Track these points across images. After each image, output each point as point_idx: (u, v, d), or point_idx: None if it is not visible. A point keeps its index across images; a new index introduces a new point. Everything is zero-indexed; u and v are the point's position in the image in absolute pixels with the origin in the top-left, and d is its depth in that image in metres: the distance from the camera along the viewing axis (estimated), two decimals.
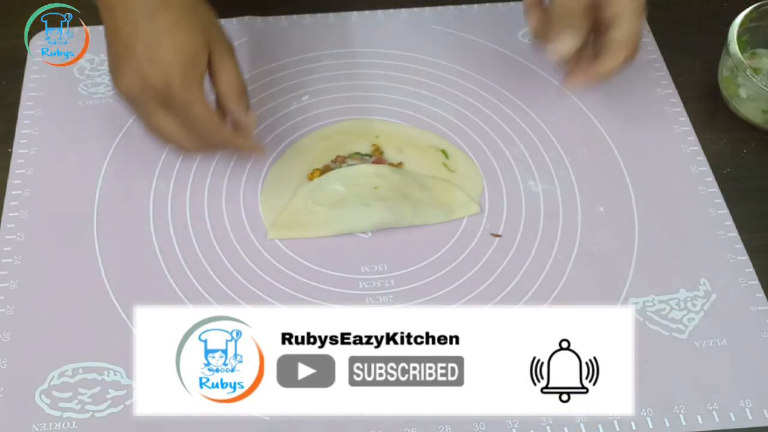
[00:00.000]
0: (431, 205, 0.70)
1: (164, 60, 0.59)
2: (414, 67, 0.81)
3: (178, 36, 0.60)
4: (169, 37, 0.59)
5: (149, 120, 0.63)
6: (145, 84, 0.60)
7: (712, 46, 0.80)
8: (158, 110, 0.62)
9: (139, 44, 0.59)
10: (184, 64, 0.60)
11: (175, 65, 0.59)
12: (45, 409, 0.60)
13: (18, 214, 0.69)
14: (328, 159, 0.73)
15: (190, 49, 0.60)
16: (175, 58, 0.59)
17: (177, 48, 0.60)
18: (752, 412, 0.61)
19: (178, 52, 0.60)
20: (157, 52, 0.59)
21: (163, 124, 0.62)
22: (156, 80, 0.59)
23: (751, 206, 0.72)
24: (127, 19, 0.59)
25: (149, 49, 0.59)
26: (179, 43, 0.60)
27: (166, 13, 0.59)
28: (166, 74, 0.59)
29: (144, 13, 0.59)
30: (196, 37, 0.61)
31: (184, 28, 0.60)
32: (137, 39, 0.59)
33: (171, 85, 0.59)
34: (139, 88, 0.60)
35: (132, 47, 0.59)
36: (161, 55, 0.59)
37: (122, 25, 0.60)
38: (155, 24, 0.59)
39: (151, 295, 0.65)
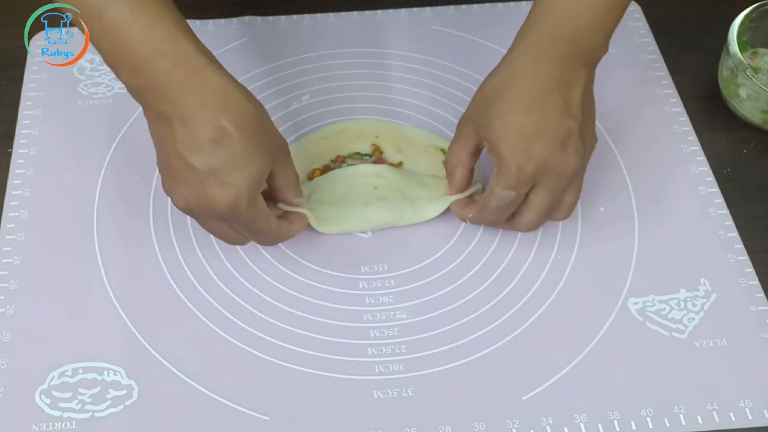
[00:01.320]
0: (431, 202, 0.70)
1: (233, 187, 0.56)
2: (414, 67, 0.81)
3: (248, 162, 0.56)
4: (238, 164, 0.56)
5: (205, 225, 0.62)
6: (210, 206, 0.57)
7: (712, 46, 0.80)
8: (216, 221, 0.60)
9: (203, 167, 0.55)
10: (251, 189, 0.57)
11: (243, 191, 0.56)
12: (45, 409, 0.60)
13: (18, 214, 0.69)
14: (328, 159, 0.73)
15: (258, 175, 0.57)
16: (244, 184, 0.56)
17: (246, 175, 0.56)
18: (752, 412, 0.61)
19: (248, 178, 0.56)
20: (225, 178, 0.56)
21: (220, 230, 0.61)
22: (222, 205, 0.57)
23: (751, 206, 0.72)
24: (190, 137, 0.55)
25: (217, 175, 0.55)
26: (248, 171, 0.56)
27: (234, 135, 0.55)
28: (234, 200, 0.56)
29: (210, 134, 0.55)
30: (263, 161, 0.58)
31: (253, 153, 0.57)
32: (201, 162, 0.55)
33: (238, 208, 0.57)
34: (200, 207, 0.58)
35: (194, 169, 0.56)
36: (231, 181, 0.56)
37: (183, 143, 0.56)
38: (224, 148, 0.55)
39: (150, 295, 0.65)
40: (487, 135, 0.62)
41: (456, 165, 0.66)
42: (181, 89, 0.55)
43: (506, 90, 0.61)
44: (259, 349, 0.63)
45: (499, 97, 0.61)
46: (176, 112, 0.55)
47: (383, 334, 0.64)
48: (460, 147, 0.65)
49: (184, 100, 0.55)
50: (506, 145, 0.60)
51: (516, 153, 0.60)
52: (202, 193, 0.57)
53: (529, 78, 0.61)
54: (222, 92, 0.56)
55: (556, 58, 0.61)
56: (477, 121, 0.63)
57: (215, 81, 0.56)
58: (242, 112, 0.57)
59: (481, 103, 0.63)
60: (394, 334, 0.64)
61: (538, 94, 0.60)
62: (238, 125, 0.56)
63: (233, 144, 0.56)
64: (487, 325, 0.64)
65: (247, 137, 0.56)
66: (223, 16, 0.84)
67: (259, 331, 0.64)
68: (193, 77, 0.55)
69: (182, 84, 0.55)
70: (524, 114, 0.60)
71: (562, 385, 0.62)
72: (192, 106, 0.55)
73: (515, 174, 0.60)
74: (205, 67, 0.56)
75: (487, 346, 0.63)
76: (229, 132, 0.56)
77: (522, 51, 0.62)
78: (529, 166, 0.60)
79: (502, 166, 0.61)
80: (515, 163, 0.60)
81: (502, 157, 0.61)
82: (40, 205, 0.70)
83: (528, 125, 0.60)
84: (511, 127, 0.60)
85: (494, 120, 0.61)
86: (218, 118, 0.55)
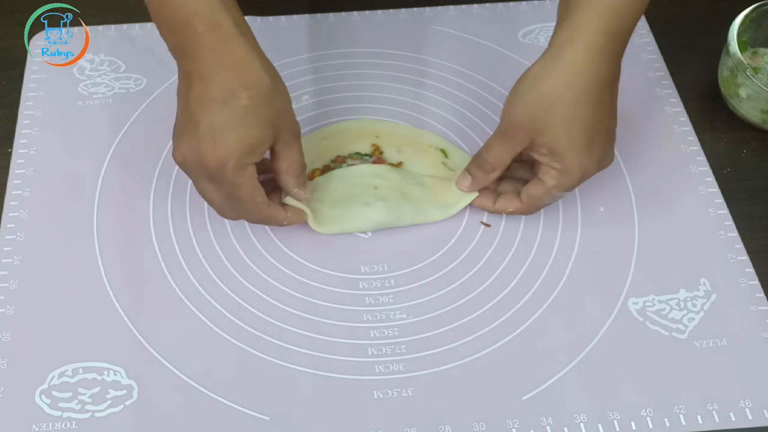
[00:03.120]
0: (431, 204, 0.70)
1: (224, 146, 0.59)
2: (414, 67, 0.81)
3: (246, 127, 0.59)
4: (236, 126, 0.59)
5: (197, 185, 0.63)
6: (200, 161, 0.59)
7: (712, 46, 0.80)
8: (206, 182, 0.62)
9: (205, 123, 0.58)
10: (241, 153, 0.59)
11: (233, 153, 0.59)
12: (45, 409, 0.60)
13: (18, 214, 0.69)
14: (328, 159, 0.74)
15: (252, 142, 0.59)
16: (235, 146, 0.59)
17: (240, 138, 0.59)
18: (752, 412, 0.61)
19: (240, 143, 0.59)
20: (219, 137, 0.58)
21: (209, 192, 0.63)
22: (210, 161, 0.59)
23: (751, 206, 0.72)
24: (201, 95, 0.59)
25: (213, 131, 0.58)
26: (244, 135, 0.59)
27: (241, 99, 0.58)
28: (222, 159, 0.59)
29: (219, 94, 0.58)
30: (262, 131, 0.60)
31: (253, 120, 0.59)
32: (205, 117, 0.58)
33: (224, 168, 0.59)
34: (192, 162, 0.60)
35: (197, 123, 0.59)
36: (223, 140, 0.58)
37: (195, 99, 0.59)
38: (227, 110, 0.58)
39: (150, 295, 0.65)
40: (548, 141, 0.62)
41: (497, 167, 0.67)
42: (207, 52, 0.58)
43: (567, 93, 0.61)
44: (259, 349, 0.63)
45: (561, 102, 0.61)
46: (198, 70, 0.59)
47: (383, 334, 0.64)
48: (506, 150, 0.65)
49: (207, 62, 0.58)
50: (572, 152, 0.62)
51: (580, 158, 0.62)
52: (196, 147, 0.59)
53: (590, 81, 0.61)
54: (243, 60, 0.59)
55: (612, 56, 0.61)
56: (534, 126, 0.62)
57: (240, 50, 0.59)
58: (256, 82, 0.59)
59: (539, 107, 0.62)
60: (394, 334, 0.64)
61: (597, 96, 0.61)
62: (247, 92, 0.58)
63: (237, 107, 0.58)
64: (488, 324, 0.64)
65: (253, 105, 0.59)
66: None
67: (259, 331, 0.64)
68: (221, 43, 0.58)
69: (210, 47, 0.58)
70: (587, 119, 0.61)
71: (562, 385, 0.62)
72: (212, 67, 0.58)
73: (579, 178, 0.64)
74: (235, 36, 0.58)
75: (487, 346, 0.63)
76: (237, 96, 0.58)
77: (579, 51, 0.61)
78: (591, 169, 0.63)
79: (565, 170, 0.63)
80: (580, 168, 0.63)
81: (566, 163, 0.63)
82: (40, 205, 0.70)
83: (590, 129, 0.62)
84: (576, 134, 0.62)
85: (558, 127, 0.61)
86: (231, 81, 0.58)
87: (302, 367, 0.62)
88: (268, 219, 0.65)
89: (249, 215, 0.65)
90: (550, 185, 0.65)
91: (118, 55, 0.80)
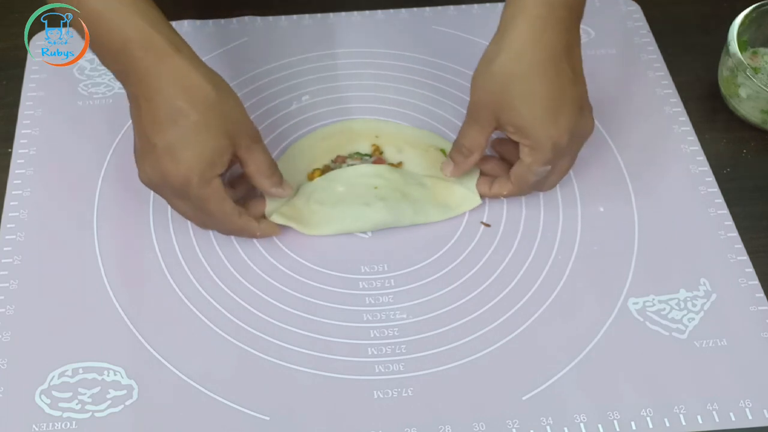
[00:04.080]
0: (431, 204, 0.70)
1: (184, 162, 0.60)
2: (414, 67, 0.81)
3: (200, 142, 0.60)
4: (191, 143, 0.60)
5: (169, 202, 0.65)
6: (165, 180, 0.61)
7: (712, 46, 0.80)
8: (176, 198, 0.64)
9: (160, 144, 0.60)
10: (203, 167, 0.60)
11: (194, 168, 0.60)
12: (45, 409, 0.60)
13: (18, 214, 0.69)
14: (328, 159, 0.73)
15: (211, 155, 0.61)
16: (194, 161, 0.60)
17: (197, 152, 0.60)
18: (752, 412, 0.61)
19: (199, 156, 0.60)
20: (178, 155, 0.60)
21: (181, 208, 0.65)
22: (174, 179, 0.60)
23: (751, 206, 0.72)
24: (151, 117, 0.60)
25: (171, 151, 0.60)
26: (200, 150, 0.60)
27: (190, 115, 0.59)
28: (185, 176, 0.60)
29: (167, 113, 0.59)
30: (218, 143, 0.61)
31: (206, 134, 0.60)
32: (159, 139, 0.60)
33: (189, 184, 0.61)
34: (158, 181, 0.62)
35: (154, 145, 0.60)
36: (182, 158, 0.60)
37: (146, 121, 0.60)
38: (178, 127, 0.59)
39: (150, 295, 0.65)
40: (512, 119, 0.63)
41: (473, 150, 0.67)
42: (147, 74, 0.59)
43: (518, 69, 0.62)
44: (259, 349, 0.63)
45: (514, 79, 0.62)
46: (143, 93, 0.60)
47: (383, 334, 0.64)
48: (477, 132, 0.66)
49: (149, 83, 0.60)
50: (536, 125, 0.63)
51: (547, 130, 0.63)
52: (158, 168, 0.61)
53: (539, 53, 0.61)
54: (183, 76, 0.60)
55: (557, 24, 0.62)
56: (495, 106, 0.63)
57: (179, 66, 0.60)
58: (200, 96, 0.60)
59: (495, 86, 0.63)
60: (394, 334, 0.64)
61: (550, 67, 0.62)
62: (195, 107, 0.60)
63: (188, 124, 0.59)
64: (488, 324, 0.64)
65: (204, 119, 0.60)
66: (223, 16, 0.84)
67: (259, 331, 0.64)
68: (159, 63, 0.59)
69: (148, 69, 0.59)
70: (544, 91, 0.62)
71: (562, 385, 0.62)
72: (155, 88, 0.60)
73: (551, 150, 0.63)
74: (171, 54, 0.59)
75: (487, 346, 0.63)
76: (185, 112, 0.59)
77: (522, 25, 0.61)
78: (562, 139, 0.63)
79: (536, 145, 0.63)
80: (549, 140, 0.63)
81: (534, 137, 0.63)
82: (40, 205, 0.70)
83: (550, 100, 0.62)
84: (536, 107, 0.62)
85: (516, 103, 0.62)
86: (176, 99, 0.59)
87: (302, 367, 0.62)
88: (241, 230, 0.66)
89: (221, 227, 0.66)
90: (527, 162, 0.65)
91: None
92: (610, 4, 0.86)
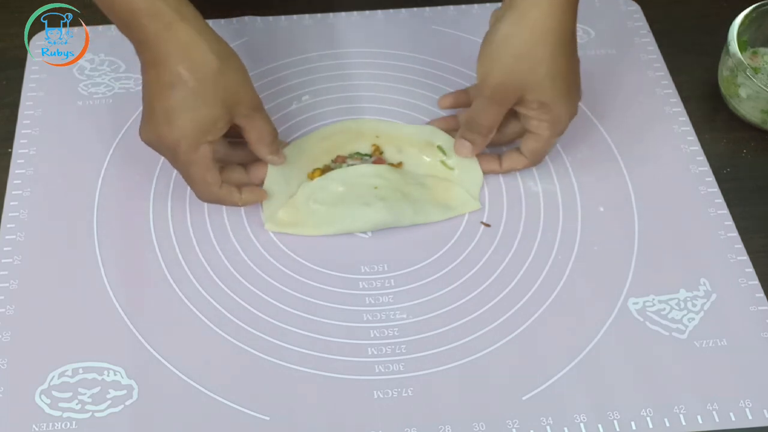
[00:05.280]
0: (431, 204, 0.70)
1: (178, 127, 0.62)
2: (414, 67, 0.81)
3: (194, 108, 0.62)
4: (186, 108, 0.62)
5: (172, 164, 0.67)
6: (159, 141, 0.64)
7: (712, 46, 0.80)
8: (170, 160, 0.66)
9: (158, 108, 0.62)
10: (195, 133, 0.63)
11: (186, 132, 0.62)
12: (45, 409, 0.60)
13: (18, 214, 0.69)
14: (328, 159, 0.73)
15: (204, 122, 0.63)
16: (187, 126, 0.62)
17: (191, 119, 0.62)
18: (752, 412, 0.61)
19: (192, 122, 0.62)
20: (173, 118, 0.62)
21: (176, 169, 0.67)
22: (167, 142, 0.63)
23: (751, 206, 0.72)
24: (156, 80, 0.62)
25: (167, 114, 0.62)
26: (194, 116, 0.62)
27: (188, 82, 0.61)
28: (176, 139, 0.63)
29: (168, 78, 0.62)
30: (212, 111, 0.63)
31: (201, 101, 0.62)
32: (158, 102, 0.62)
33: (178, 147, 0.63)
34: (155, 143, 0.64)
35: (153, 108, 0.63)
36: (177, 122, 0.62)
37: (152, 85, 0.63)
38: (176, 91, 0.62)
39: (150, 294, 0.65)
40: (537, 96, 0.65)
41: (492, 128, 0.69)
42: (154, 41, 0.62)
43: (545, 50, 0.64)
44: (259, 349, 0.63)
45: (543, 60, 0.64)
46: (150, 59, 0.62)
47: (383, 334, 0.64)
48: (498, 111, 0.68)
49: (158, 50, 0.62)
50: (560, 102, 0.66)
51: (567, 106, 0.67)
52: (155, 130, 0.63)
53: (559, 35, 0.64)
54: (187, 44, 0.62)
55: (572, 6, 0.65)
56: (521, 84, 0.65)
57: (184, 34, 0.62)
58: (202, 63, 0.62)
59: (523, 66, 0.65)
60: (394, 334, 0.64)
61: (570, 47, 0.66)
62: (194, 74, 0.61)
63: (186, 90, 0.62)
64: (487, 324, 0.64)
65: (202, 87, 0.62)
66: (223, 16, 0.84)
67: (259, 331, 0.64)
68: (165, 31, 0.61)
69: (156, 36, 0.61)
70: (566, 70, 0.66)
71: (562, 385, 0.62)
72: (160, 55, 0.62)
73: (567, 123, 0.68)
74: (177, 22, 0.61)
75: (486, 346, 0.63)
76: (184, 79, 0.61)
77: (545, 7, 0.63)
78: (574, 114, 0.68)
79: (556, 120, 0.67)
80: (568, 115, 0.67)
81: (556, 113, 0.67)
82: (40, 205, 0.70)
83: (570, 78, 0.66)
84: (560, 85, 0.66)
85: (543, 82, 0.65)
86: (177, 65, 0.61)
87: (302, 367, 0.62)
88: (221, 199, 0.67)
89: (200, 194, 0.67)
90: (546, 136, 0.68)
91: (118, 55, 0.80)
92: (610, 4, 0.86)
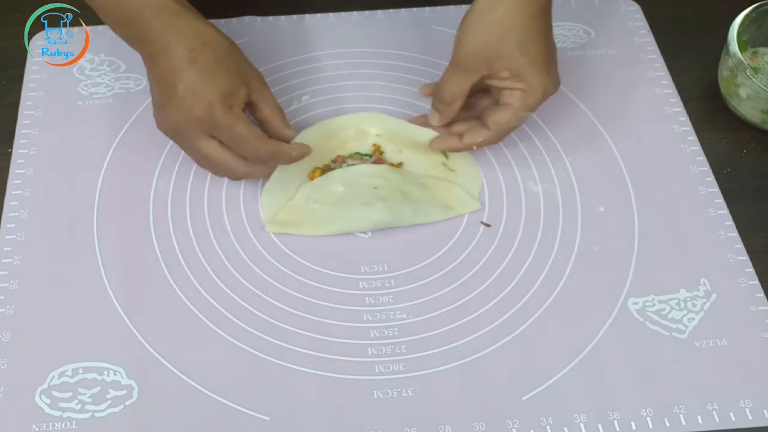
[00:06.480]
0: (431, 204, 0.70)
1: (206, 92, 0.63)
2: (414, 67, 0.81)
3: (218, 76, 0.63)
4: (210, 76, 0.63)
5: (197, 149, 0.66)
6: (189, 115, 0.63)
7: (712, 46, 0.80)
8: (203, 138, 0.65)
9: (181, 83, 0.62)
10: (223, 95, 0.63)
11: (216, 95, 0.63)
12: (45, 409, 0.60)
13: (18, 214, 0.69)
14: (329, 159, 0.73)
15: (230, 84, 0.64)
16: (215, 91, 0.63)
17: (217, 84, 0.63)
18: (752, 412, 0.61)
19: (218, 87, 0.63)
20: (198, 87, 0.62)
21: (210, 150, 0.65)
22: (199, 110, 0.63)
23: (751, 206, 0.72)
24: (169, 65, 0.63)
25: (191, 86, 0.62)
26: (219, 83, 0.63)
27: (206, 53, 0.63)
28: (208, 104, 0.62)
29: (185, 57, 0.62)
30: (233, 79, 0.64)
31: (222, 70, 0.64)
32: (180, 79, 0.63)
33: (213, 111, 0.63)
34: (183, 120, 0.64)
35: (174, 87, 0.63)
36: (203, 91, 0.63)
37: (165, 70, 0.63)
38: (197, 66, 0.63)
39: (150, 294, 0.65)
40: (508, 64, 0.66)
41: (457, 96, 0.69)
42: (162, 30, 0.63)
43: (518, 20, 0.65)
44: (259, 349, 0.63)
45: (513, 29, 0.65)
46: (159, 48, 0.63)
47: (383, 334, 0.64)
48: (463, 79, 0.68)
49: (164, 37, 0.63)
50: (532, 71, 0.66)
51: (541, 77, 0.66)
52: (181, 106, 0.63)
53: (535, 7, 0.65)
54: (197, 26, 0.64)
55: None
56: (490, 53, 0.66)
57: (191, 22, 0.64)
58: (215, 41, 0.64)
59: (492, 36, 0.65)
60: (394, 334, 0.64)
61: (544, 21, 0.66)
62: (210, 47, 0.64)
63: (205, 61, 0.63)
64: (487, 324, 0.65)
65: (218, 59, 0.64)
66: (223, 16, 0.84)
67: (259, 331, 0.64)
68: (171, 19, 0.63)
69: (162, 26, 0.63)
70: (540, 41, 0.66)
71: (562, 385, 0.62)
72: (170, 39, 0.63)
73: (541, 96, 0.67)
74: (182, 12, 0.64)
75: (486, 346, 0.63)
76: (201, 52, 0.63)
77: None
78: (550, 89, 0.67)
79: (529, 89, 0.66)
80: (542, 87, 0.66)
81: (528, 82, 0.66)
82: (40, 205, 0.70)
83: (544, 50, 0.66)
84: (532, 54, 0.66)
85: (516, 50, 0.65)
86: (191, 43, 0.63)
87: (302, 367, 0.62)
88: (277, 153, 0.67)
89: (255, 155, 0.66)
90: (516, 106, 0.67)
91: (118, 55, 0.80)
92: (610, 4, 0.86)
